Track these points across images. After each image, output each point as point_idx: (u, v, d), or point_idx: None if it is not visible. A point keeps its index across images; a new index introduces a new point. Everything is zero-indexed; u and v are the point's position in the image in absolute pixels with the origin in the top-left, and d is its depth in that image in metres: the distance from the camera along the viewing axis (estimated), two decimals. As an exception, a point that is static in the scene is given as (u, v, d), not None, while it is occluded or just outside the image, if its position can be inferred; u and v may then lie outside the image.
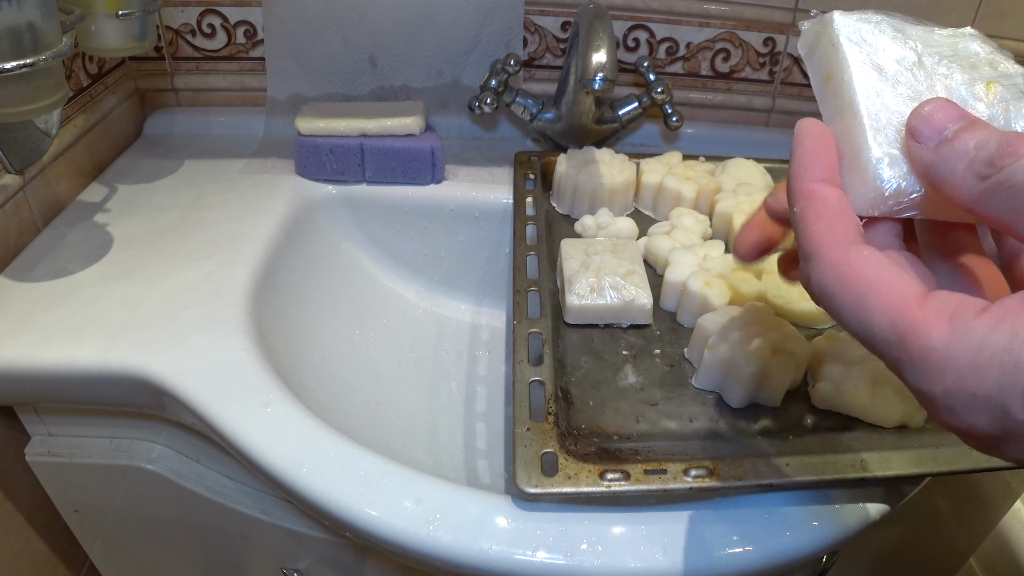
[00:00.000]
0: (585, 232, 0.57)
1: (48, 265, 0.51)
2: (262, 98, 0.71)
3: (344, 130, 0.61)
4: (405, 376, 0.59)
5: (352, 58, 0.67)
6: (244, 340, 0.45)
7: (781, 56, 0.72)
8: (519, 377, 0.41)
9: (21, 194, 0.53)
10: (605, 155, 0.61)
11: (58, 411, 0.50)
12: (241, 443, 0.39)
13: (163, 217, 0.57)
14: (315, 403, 0.46)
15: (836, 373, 0.41)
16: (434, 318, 0.65)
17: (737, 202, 0.56)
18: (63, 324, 0.46)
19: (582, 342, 0.47)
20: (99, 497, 0.53)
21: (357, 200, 0.64)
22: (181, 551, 0.57)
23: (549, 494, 0.35)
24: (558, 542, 0.34)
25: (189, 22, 0.67)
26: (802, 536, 0.35)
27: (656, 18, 0.69)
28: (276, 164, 0.65)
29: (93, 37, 0.53)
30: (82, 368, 0.43)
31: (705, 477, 0.35)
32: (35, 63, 0.40)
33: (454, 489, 0.36)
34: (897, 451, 0.37)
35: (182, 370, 0.43)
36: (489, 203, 0.64)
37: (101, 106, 0.64)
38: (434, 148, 0.62)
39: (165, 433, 0.51)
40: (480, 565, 0.34)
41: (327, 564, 0.51)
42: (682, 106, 0.73)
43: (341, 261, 0.63)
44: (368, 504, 0.35)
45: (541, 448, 0.37)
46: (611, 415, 0.41)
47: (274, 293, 0.52)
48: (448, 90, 0.70)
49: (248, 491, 0.50)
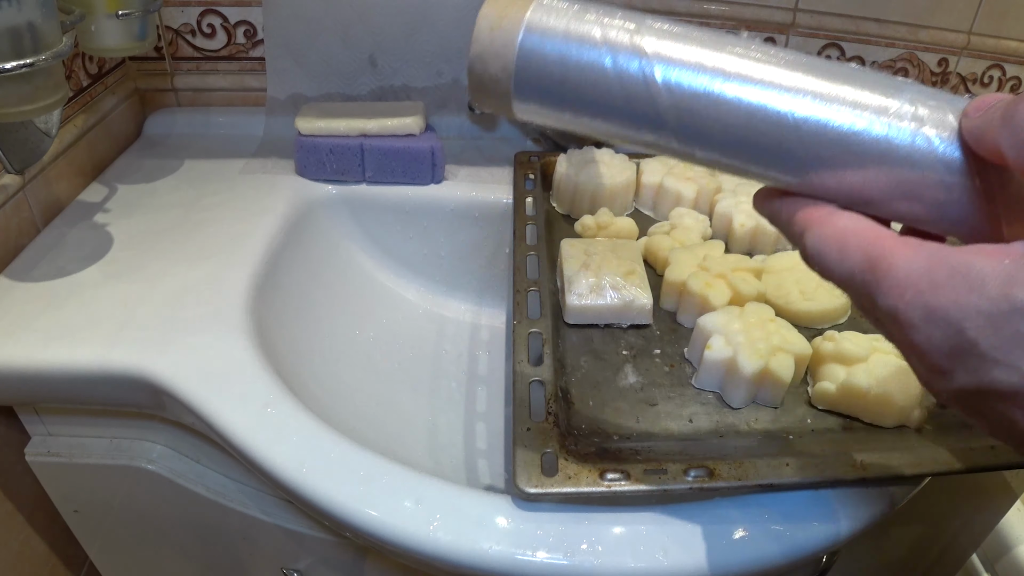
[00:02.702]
0: (585, 232, 0.57)
1: (48, 265, 0.51)
2: (262, 98, 0.71)
3: (344, 130, 0.61)
4: (405, 376, 0.59)
5: (352, 58, 0.67)
6: (244, 340, 0.45)
7: (781, 56, 0.72)
8: (519, 377, 0.41)
9: (21, 194, 0.53)
10: (605, 155, 0.61)
11: (58, 411, 0.50)
12: (241, 443, 0.39)
13: (163, 217, 0.57)
14: (315, 403, 0.46)
15: (836, 373, 0.41)
16: (434, 318, 0.65)
17: (737, 202, 0.56)
18: (63, 324, 0.46)
19: (582, 342, 0.47)
20: (99, 497, 0.53)
21: (357, 200, 0.63)
22: (181, 551, 0.57)
23: (549, 494, 0.35)
24: (558, 542, 0.34)
25: (189, 22, 0.67)
26: (802, 536, 0.35)
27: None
28: (276, 164, 0.65)
29: (93, 37, 0.53)
30: (82, 368, 0.43)
31: (705, 477, 0.35)
32: (35, 63, 0.40)
33: (454, 489, 0.36)
34: (897, 451, 0.37)
35: (182, 370, 0.43)
36: (489, 203, 0.64)
37: (101, 106, 0.64)
38: (434, 148, 0.62)
39: (165, 433, 0.51)
40: (480, 565, 0.34)
41: (327, 564, 0.51)
42: (682, 106, 0.73)
43: (341, 261, 0.63)
44: (368, 504, 0.35)
45: (541, 448, 0.37)
46: (611, 415, 0.41)
47: (274, 293, 0.52)
48: (448, 90, 0.70)
49: (248, 491, 0.50)
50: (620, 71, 0.24)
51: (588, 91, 0.25)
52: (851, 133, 0.22)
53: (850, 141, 0.23)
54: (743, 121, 0.23)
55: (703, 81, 0.23)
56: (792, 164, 0.23)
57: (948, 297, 0.19)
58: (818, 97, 0.23)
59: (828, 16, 0.69)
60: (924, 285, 0.20)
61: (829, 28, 0.70)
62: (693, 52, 0.24)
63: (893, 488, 0.38)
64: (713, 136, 0.24)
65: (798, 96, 0.23)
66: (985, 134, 0.21)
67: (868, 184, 0.23)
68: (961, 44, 0.72)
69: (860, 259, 0.22)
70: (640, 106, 0.24)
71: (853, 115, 0.22)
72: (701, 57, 0.24)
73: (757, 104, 0.23)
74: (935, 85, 0.75)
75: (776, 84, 0.23)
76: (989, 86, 0.75)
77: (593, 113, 0.25)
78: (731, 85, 0.23)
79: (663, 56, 0.24)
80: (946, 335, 0.19)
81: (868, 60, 0.72)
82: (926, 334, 0.20)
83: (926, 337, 0.20)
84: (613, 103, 0.25)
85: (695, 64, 0.23)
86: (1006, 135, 0.20)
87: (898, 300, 0.20)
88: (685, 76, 0.23)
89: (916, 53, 0.72)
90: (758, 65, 0.23)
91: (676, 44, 0.24)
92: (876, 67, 0.73)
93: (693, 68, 0.23)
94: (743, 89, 0.23)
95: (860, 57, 0.72)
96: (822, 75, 0.23)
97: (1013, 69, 0.74)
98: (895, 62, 0.73)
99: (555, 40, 0.25)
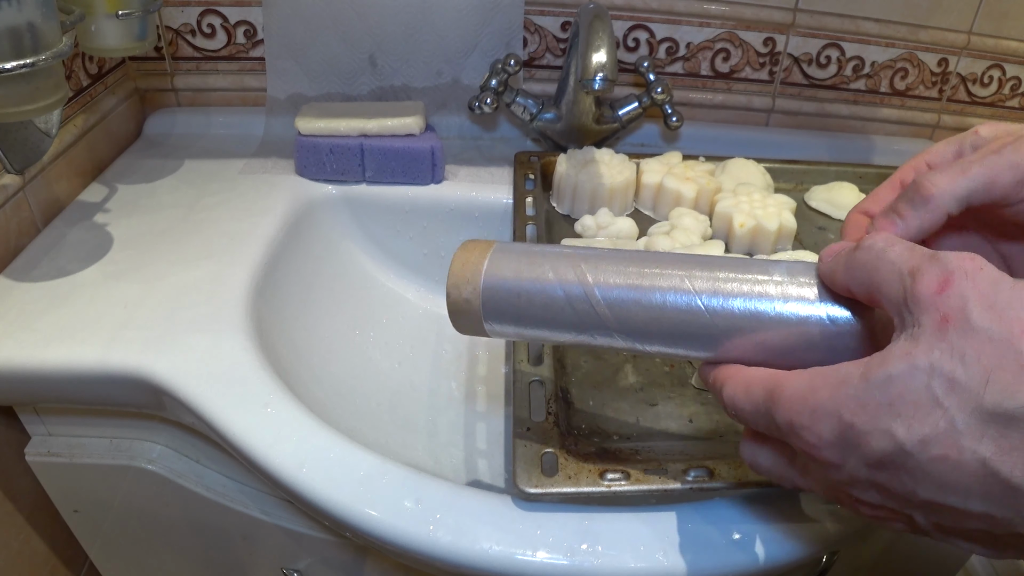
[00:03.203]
0: (585, 232, 0.57)
1: (48, 265, 0.51)
2: (262, 98, 0.71)
3: (344, 130, 0.61)
4: (405, 376, 0.59)
5: (352, 58, 0.67)
6: (244, 340, 0.45)
7: (781, 56, 0.72)
8: (519, 377, 0.41)
9: (21, 194, 0.53)
10: (605, 155, 0.61)
11: (58, 411, 0.50)
12: (241, 443, 0.39)
13: (163, 217, 0.57)
14: (315, 403, 0.46)
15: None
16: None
17: (737, 202, 0.56)
18: (63, 324, 0.46)
19: (582, 342, 0.47)
20: (99, 497, 0.53)
21: (357, 200, 0.64)
22: (181, 551, 0.57)
23: (549, 494, 0.35)
24: (558, 542, 0.34)
25: (189, 22, 0.67)
26: (802, 536, 0.35)
27: (656, 18, 0.69)
28: (276, 164, 0.65)
29: (93, 37, 0.53)
30: (82, 368, 0.43)
31: (705, 477, 0.35)
32: (35, 63, 0.40)
33: (454, 489, 0.36)
34: (897, 451, 0.37)
35: (182, 370, 0.43)
36: (489, 203, 0.64)
37: (101, 106, 0.64)
38: (434, 148, 0.62)
39: (165, 433, 0.51)
40: (480, 565, 0.34)
41: (327, 564, 0.51)
42: (682, 106, 0.73)
43: (341, 261, 0.63)
44: (368, 504, 0.35)
45: (541, 448, 0.37)
46: (611, 415, 0.41)
47: (274, 293, 0.52)
48: (448, 90, 0.70)
49: (248, 491, 0.50)
50: (570, 298, 0.31)
51: (545, 313, 0.32)
52: (745, 311, 0.28)
53: (746, 316, 0.28)
54: (668, 316, 0.30)
55: (634, 295, 0.30)
56: (709, 341, 0.29)
57: (824, 395, 0.23)
58: (716, 293, 0.29)
59: (828, 16, 0.69)
60: (807, 392, 0.24)
61: (829, 28, 0.70)
62: (623, 274, 0.31)
63: (893, 488, 0.38)
64: (650, 332, 0.30)
65: (703, 295, 0.29)
66: (835, 275, 0.26)
67: (767, 343, 0.28)
68: (961, 44, 0.72)
69: (760, 393, 0.26)
70: (589, 320, 0.31)
71: (745, 299, 0.29)
72: (629, 278, 0.31)
73: (675, 304, 0.30)
74: (935, 85, 0.75)
75: (688, 289, 0.30)
76: (989, 86, 0.75)
77: (551, 328, 0.32)
78: (656, 294, 0.30)
79: (601, 282, 0.31)
80: (830, 425, 0.23)
81: (868, 60, 0.72)
82: (815, 431, 0.24)
83: (816, 434, 0.24)
84: (568, 320, 0.32)
85: (626, 285, 0.30)
86: (849, 278, 0.26)
87: (789, 411, 0.24)
88: (620, 294, 0.30)
89: (916, 53, 0.72)
90: (673, 272, 0.30)
91: (610, 268, 0.31)
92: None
93: (625, 288, 0.30)
94: (665, 295, 0.30)
95: (860, 57, 0.72)
96: (720, 269, 0.30)
97: (1013, 69, 0.75)
98: (895, 62, 0.73)
99: (508, 280, 0.32)
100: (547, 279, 0.32)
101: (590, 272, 0.31)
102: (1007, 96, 0.76)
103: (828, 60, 0.72)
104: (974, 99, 0.76)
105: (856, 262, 0.25)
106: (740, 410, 0.27)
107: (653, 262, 0.31)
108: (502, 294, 0.32)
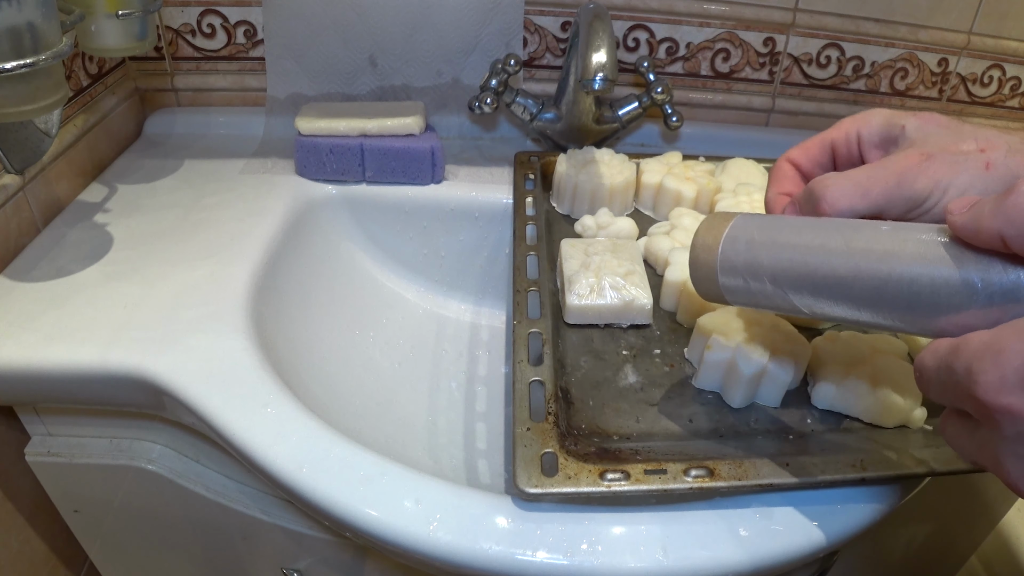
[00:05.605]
0: (585, 232, 0.57)
1: (48, 265, 0.51)
2: (262, 98, 0.71)
3: (344, 130, 0.61)
4: (405, 376, 0.59)
5: (352, 58, 0.67)
6: (244, 340, 0.45)
7: (781, 56, 0.72)
8: (519, 377, 0.41)
9: (21, 194, 0.53)
10: (605, 155, 0.61)
11: (58, 411, 0.50)
12: (241, 443, 0.39)
13: (163, 217, 0.57)
14: (315, 403, 0.46)
15: (836, 373, 0.41)
16: (434, 318, 0.65)
17: (737, 202, 0.56)
18: (63, 324, 0.46)
19: (582, 342, 0.47)
20: (99, 497, 0.53)
21: (357, 200, 0.64)
22: (181, 551, 0.57)
23: (549, 494, 0.35)
24: (558, 542, 0.34)
25: (189, 22, 0.67)
26: (802, 536, 0.35)
27: (656, 18, 0.69)
28: (276, 164, 0.65)
29: (93, 37, 0.53)
30: (82, 368, 0.43)
31: (705, 477, 0.35)
32: (35, 63, 0.40)
33: (454, 489, 0.36)
34: (897, 451, 0.37)
35: (182, 370, 0.43)
36: (489, 203, 0.64)
37: (101, 106, 0.64)
38: (434, 148, 0.62)
39: (165, 433, 0.51)
40: (480, 565, 0.34)
41: (327, 564, 0.51)
42: (682, 106, 0.73)
43: (341, 261, 0.63)
44: (368, 504, 0.35)
45: (541, 448, 0.37)
46: (611, 415, 0.41)
47: (274, 293, 0.52)
48: (448, 90, 0.70)
49: (248, 491, 0.50)
50: (816, 257, 0.30)
51: (782, 267, 0.31)
52: (959, 280, 0.27)
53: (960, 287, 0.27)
54: (912, 288, 0.28)
55: (881, 267, 0.28)
56: (931, 311, 0.28)
57: (1011, 339, 0.23)
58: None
59: (828, 16, 0.69)
60: (991, 339, 0.24)
61: (829, 28, 0.70)
62: (877, 240, 0.29)
63: (893, 488, 0.38)
64: (882, 301, 0.29)
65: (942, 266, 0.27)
66: (982, 223, 0.25)
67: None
68: (961, 44, 0.72)
69: (945, 346, 0.26)
70: (828, 284, 0.30)
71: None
72: (881, 243, 0.29)
73: (917, 276, 0.28)
74: (935, 85, 0.75)
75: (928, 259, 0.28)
76: (989, 86, 0.75)
77: (789, 287, 0.31)
78: (894, 262, 0.28)
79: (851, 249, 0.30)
80: (1013, 366, 0.23)
81: (868, 60, 0.72)
82: (999, 372, 0.23)
83: (1000, 375, 0.23)
84: (805, 281, 0.31)
85: (881, 251, 0.29)
86: (1004, 223, 0.24)
87: (971, 356, 0.24)
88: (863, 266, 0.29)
89: (916, 53, 0.72)
90: (914, 236, 0.28)
91: (859, 236, 0.29)
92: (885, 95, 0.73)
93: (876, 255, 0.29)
94: (911, 266, 0.28)
95: (860, 57, 0.72)
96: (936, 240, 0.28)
97: (1013, 69, 0.74)
98: (895, 62, 0.73)
99: (749, 238, 0.33)
100: (790, 241, 0.31)
101: (843, 239, 0.30)
102: (1007, 96, 0.76)
103: (828, 60, 0.72)
104: (974, 99, 0.76)
105: (1015, 207, 0.24)
106: (925, 368, 0.27)
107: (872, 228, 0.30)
108: (740, 245, 0.33)
